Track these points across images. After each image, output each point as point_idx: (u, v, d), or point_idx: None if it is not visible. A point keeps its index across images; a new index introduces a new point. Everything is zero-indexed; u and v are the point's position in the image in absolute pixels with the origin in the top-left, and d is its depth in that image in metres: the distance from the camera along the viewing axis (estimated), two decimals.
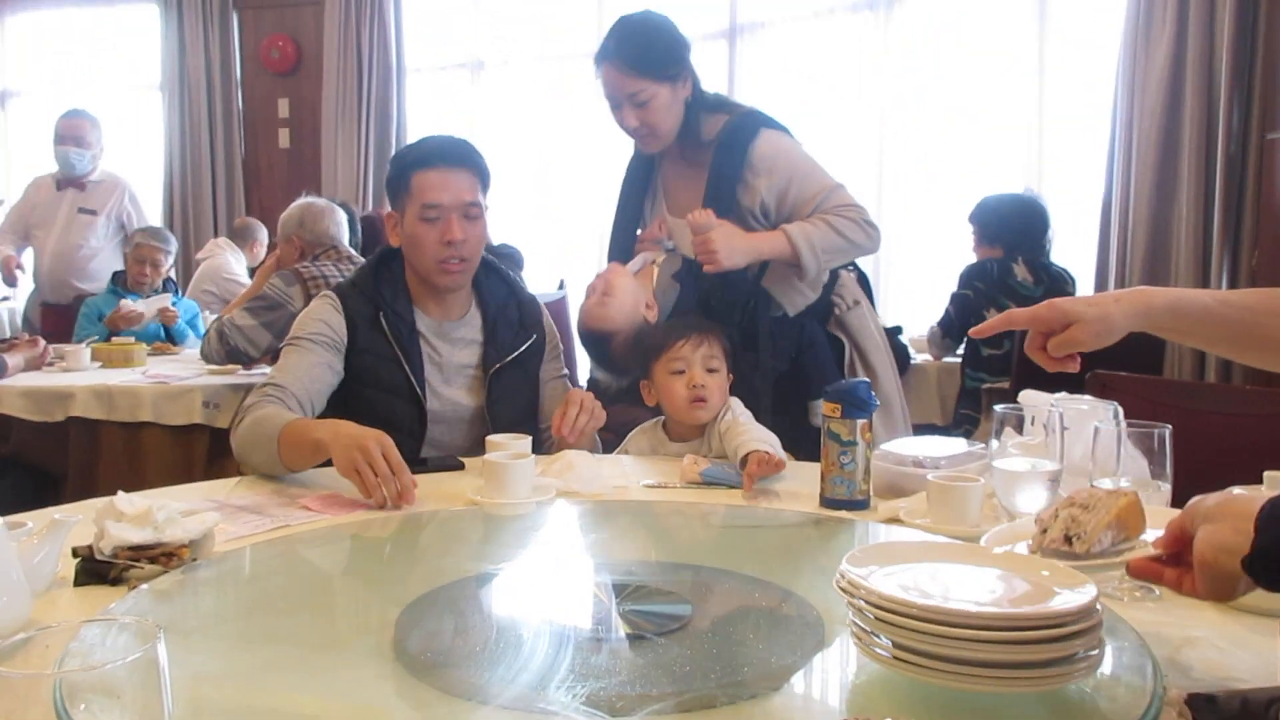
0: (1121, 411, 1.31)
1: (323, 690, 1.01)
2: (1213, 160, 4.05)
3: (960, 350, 3.93)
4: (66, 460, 3.25)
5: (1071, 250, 4.39)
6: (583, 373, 3.03)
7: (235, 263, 5.46)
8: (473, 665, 1.05)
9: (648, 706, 0.92)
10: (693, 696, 0.96)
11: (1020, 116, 4.88)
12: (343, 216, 3.67)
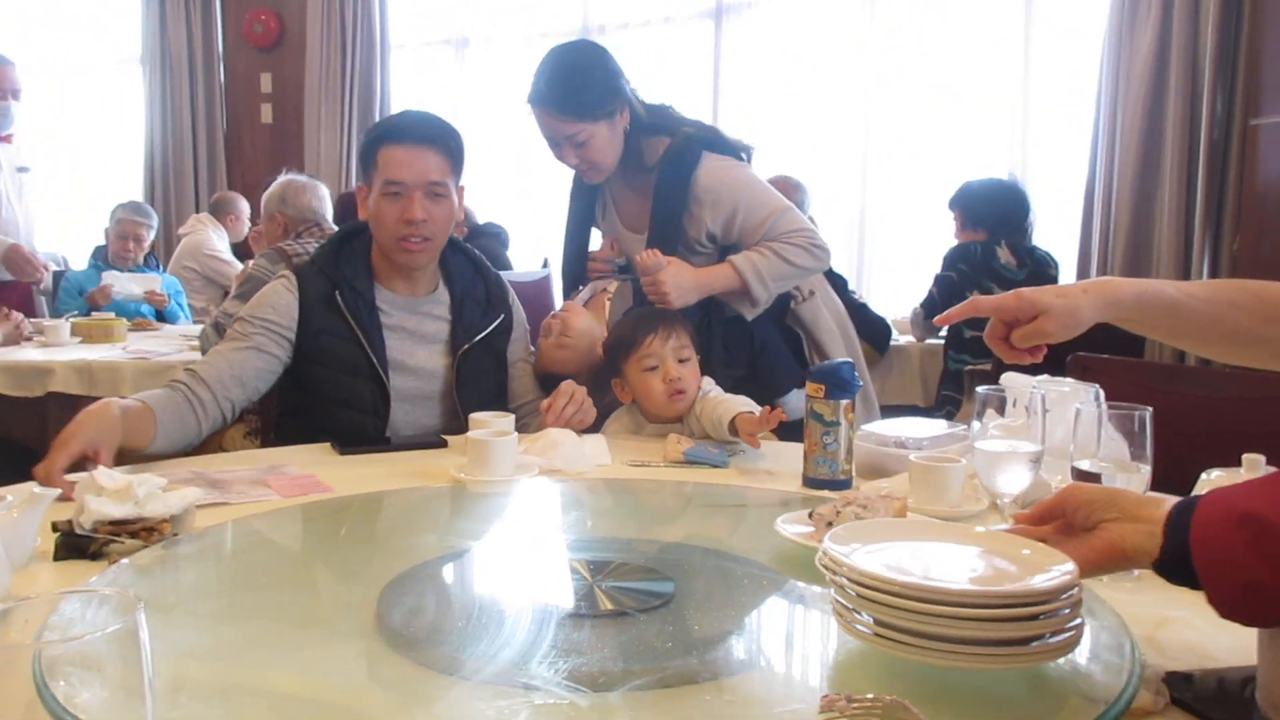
0: (1103, 394, 1.32)
1: (305, 666, 1.01)
2: (1196, 146, 4.06)
3: (943, 332, 3.94)
4: (46, 436, 3.21)
5: (1054, 234, 4.41)
6: None
7: (217, 239, 5.42)
8: (455, 641, 1.05)
9: (630, 682, 0.93)
10: (675, 672, 0.96)
11: (1005, 98, 4.90)
12: (325, 192, 3.65)
